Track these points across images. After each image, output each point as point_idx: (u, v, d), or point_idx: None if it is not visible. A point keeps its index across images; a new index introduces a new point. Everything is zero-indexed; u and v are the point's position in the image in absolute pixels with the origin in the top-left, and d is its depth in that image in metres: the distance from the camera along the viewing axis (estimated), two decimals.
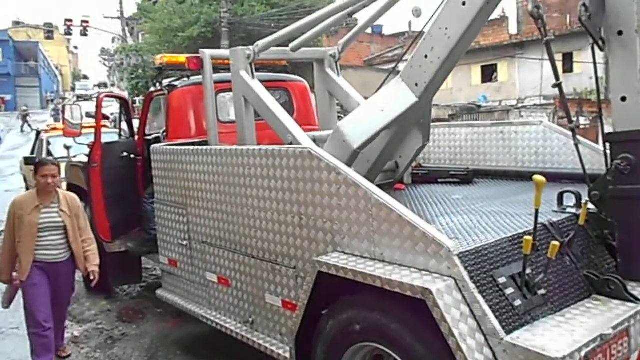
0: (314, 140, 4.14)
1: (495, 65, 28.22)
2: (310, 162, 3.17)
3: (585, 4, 2.91)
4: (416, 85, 3.65)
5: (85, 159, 5.99)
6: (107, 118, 14.57)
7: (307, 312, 3.11)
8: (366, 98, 4.37)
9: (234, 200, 3.85)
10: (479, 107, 23.63)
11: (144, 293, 6.63)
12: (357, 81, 4.88)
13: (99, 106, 6.15)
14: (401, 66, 3.99)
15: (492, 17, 4.42)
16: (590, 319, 2.49)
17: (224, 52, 5.00)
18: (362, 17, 5.55)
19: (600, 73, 3.30)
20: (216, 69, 4.87)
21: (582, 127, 16.85)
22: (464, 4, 3.25)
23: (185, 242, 4.48)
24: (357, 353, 2.97)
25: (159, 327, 5.52)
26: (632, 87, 2.98)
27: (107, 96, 7.46)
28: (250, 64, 4.46)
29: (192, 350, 4.93)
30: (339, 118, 4.95)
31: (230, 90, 4.68)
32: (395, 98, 3.78)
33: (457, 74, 29.21)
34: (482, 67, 28.40)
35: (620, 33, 2.93)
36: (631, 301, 2.64)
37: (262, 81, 4.50)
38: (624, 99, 2.99)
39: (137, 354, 4.91)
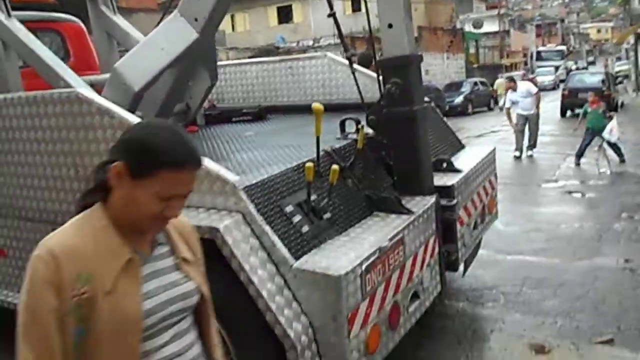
0: (91, 85, 3.77)
1: (291, 6, 28.67)
2: (80, 106, 2.85)
3: None
4: (195, 20, 3.47)
5: None
6: None
7: None
8: None
9: (0, 158, 3.36)
10: (278, 48, 23.93)
11: None
12: (150, 27, 4.50)
13: None
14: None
15: None
16: (370, 235, 2.66)
17: None
18: None
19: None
20: None
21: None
22: None
23: None
24: None
25: None
26: (397, 14, 3.16)
27: None
28: (4, 1, 3.85)
29: None
30: None
31: None
32: (175, 35, 3.56)
33: (254, 15, 29.16)
34: (278, 8, 28.69)
35: None
36: (405, 213, 2.89)
37: (24, 21, 3.93)
38: (390, 25, 3.17)
39: None
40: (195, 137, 4.19)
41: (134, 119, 2.73)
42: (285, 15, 28.69)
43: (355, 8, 24.83)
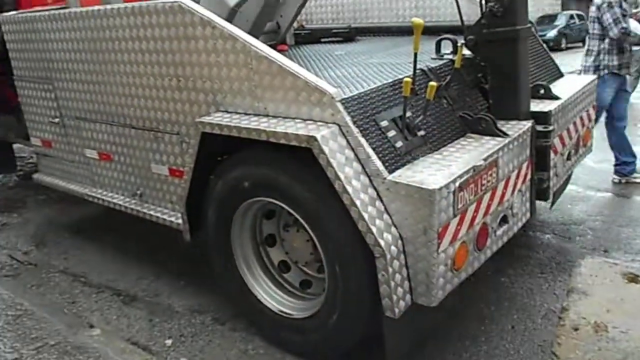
0: None
1: None
2: (182, 17, 2.93)
3: None
4: None
5: None
6: None
7: (195, 176, 3.05)
8: None
9: (105, 69, 3.54)
10: None
11: (22, 182, 6.21)
12: None
13: None
14: None
15: None
16: (464, 154, 2.63)
17: None
18: None
19: None
20: None
21: None
22: None
23: (57, 120, 4.14)
24: (247, 210, 3.00)
25: (44, 213, 5.26)
26: None
27: None
28: None
29: (82, 231, 4.77)
30: None
31: None
32: None
33: None
34: None
35: None
36: (500, 136, 2.82)
37: None
38: None
39: (22, 240, 4.68)
40: (286, 55, 4.21)
41: (234, 30, 2.78)
42: None
43: None
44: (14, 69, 4.39)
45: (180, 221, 3.32)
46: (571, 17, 23.18)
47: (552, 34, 21.50)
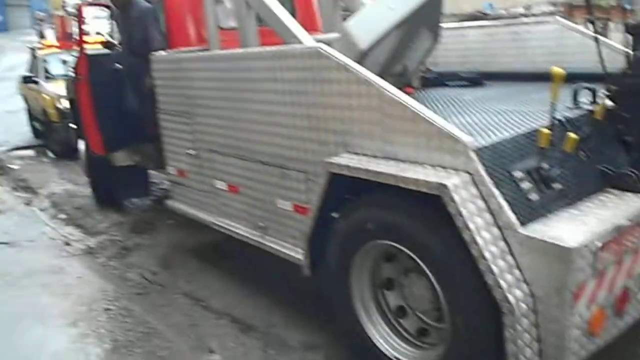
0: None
1: None
2: (319, 61, 3.06)
3: None
4: None
5: None
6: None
7: (319, 214, 3.12)
8: None
9: (241, 106, 3.77)
10: (486, 15, 22.84)
11: (154, 206, 6.70)
12: None
13: (79, 16, 5.92)
14: None
15: None
16: (605, 211, 2.48)
17: None
18: None
19: None
20: None
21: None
22: None
23: (192, 152, 4.45)
24: (369, 252, 3.01)
25: (171, 237, 5.61)
26: None
27: (90, 4, 6.74)
28: None
29: (205, 257, 5.03)
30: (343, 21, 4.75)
31: None
32: None
33: None
34: None
35: None
36: None
37: None
38: None
39: (152, 261, 5.02)
40: (413, 98, 4.24)
41: (369, 74, 2.86)
42: None
43: None
44: (159, 103, 4.79)
45: (300, 256, 3.40)
46: None
47: None
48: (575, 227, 2.31)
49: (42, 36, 23.34)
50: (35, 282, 4.72)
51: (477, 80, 4.57)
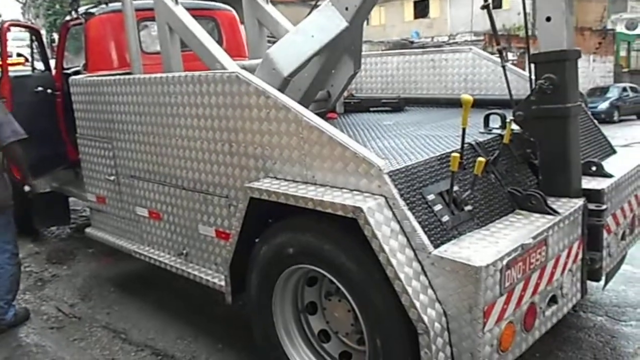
0: (244, 68, 4.01)
1: (428, 1, 28.22)
2: (239, 86, 3.06)
3: None
4: (346, 9, 3.56)
5: None
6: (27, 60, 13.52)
7: (241, 240, 3.09)
8: None
9: (161, 131, 3.71)
10: (412, 42, 23.72)
11: (74, 234, 6.42)
12: (288, 18, 4.81)
13: (3, 37, 5.69)
14: None
15: None
16: (512, 231, 2.59)
17: None
18: None
19: (529, 9, 3.33)
20: None
21: (510, 62, 17.26)
22: None
23: (112, 178, 4.32)
24: (290, 276, 3.00)
25: (91, 266, 5.39)
26: (557, 6, 3.02)
27: (12, 25, 6.39)
28: None
29: (126, 286, 4.85)
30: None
31: (153, 19, 4.41)
32: (325, 23, 3.67)
33: (390, 9, 29.07)
34: (415, 2, 28.38)
35: None
36: (550, 214, 2.77)
37: (187, 9, 4.27)
38: (548, 19, 3.04)
39: (69, 293, 4.79)
40: (335, 123, 4.31)
41: (287, 100, 2.89)
42: (421, 9, 28.33)
43: (495, 5, 23.92)
44: (78, 127, 4.64)
45: (223, 283, 3.35)
46: (624, 89, 22.90)
47: (603, 106, 21.23)
48: (483, 247, 2.40)
49: None
50: None
51: (398, 105, 4.71)
